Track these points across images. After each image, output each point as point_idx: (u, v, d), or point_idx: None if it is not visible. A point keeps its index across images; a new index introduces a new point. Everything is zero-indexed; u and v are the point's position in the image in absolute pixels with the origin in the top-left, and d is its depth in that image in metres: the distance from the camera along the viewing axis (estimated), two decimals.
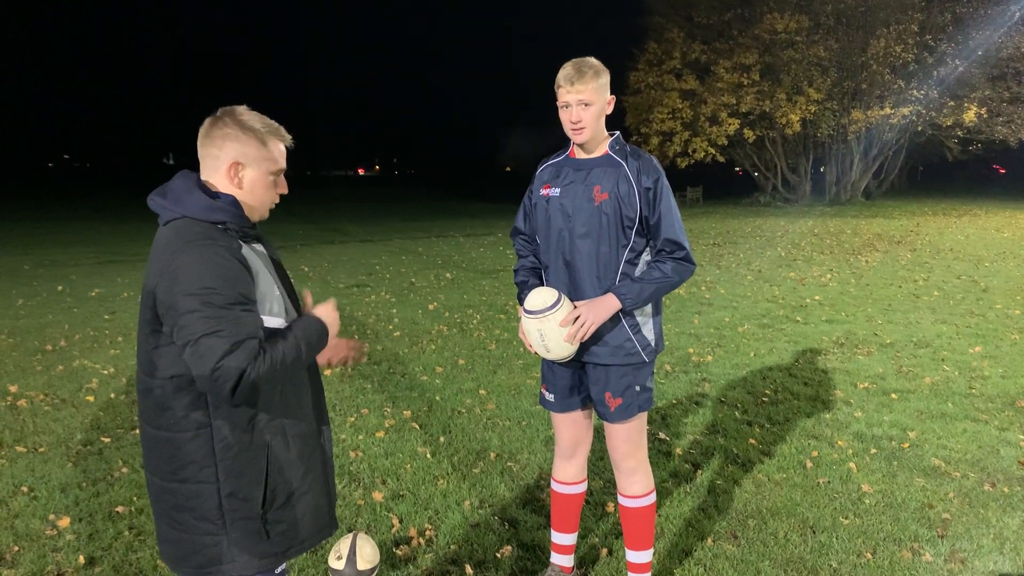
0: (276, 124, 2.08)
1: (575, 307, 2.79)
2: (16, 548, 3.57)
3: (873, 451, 4.70)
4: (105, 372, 6.54)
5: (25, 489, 4.20)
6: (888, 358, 6.91)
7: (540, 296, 2.77)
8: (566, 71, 2.76)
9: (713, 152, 38.40)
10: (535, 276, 3.05)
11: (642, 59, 39.03)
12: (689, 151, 38.35)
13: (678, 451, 4.71)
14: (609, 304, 2.78)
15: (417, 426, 5.19)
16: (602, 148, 2.90)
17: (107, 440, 4.92)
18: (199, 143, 2.03)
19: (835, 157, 38.15)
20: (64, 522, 3.80)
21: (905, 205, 33.13)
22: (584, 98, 2.74)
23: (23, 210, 34.05)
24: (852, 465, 4.47)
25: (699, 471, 4.43)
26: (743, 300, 10.07)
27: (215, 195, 1.98)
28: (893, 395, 5.78)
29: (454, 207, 40.08)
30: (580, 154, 2.93)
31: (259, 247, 2.05)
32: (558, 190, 2.92)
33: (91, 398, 5.81)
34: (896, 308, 9.32)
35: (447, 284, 11.94)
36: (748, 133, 36.83)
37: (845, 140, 36.54)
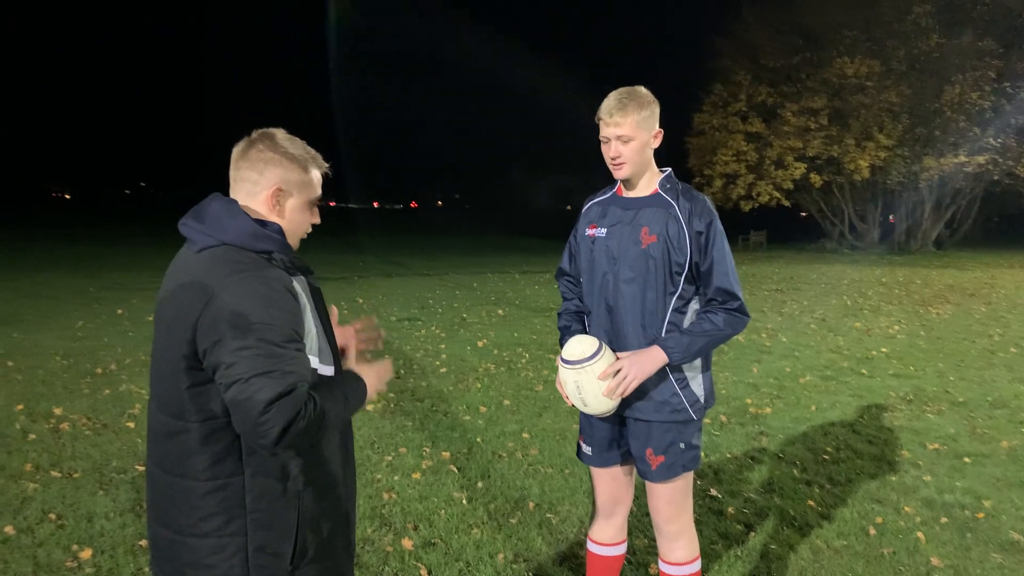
0: (314, 151, 1.96)
1: (617, 359, 2.58)
2: None
3: (944, 520, 4.33)
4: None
5: (53, 516, 4.12)
6: (961, 418, 6.47)
7: (579, 345, 2.57)
8: (607, 103, 2.58)
9: (778, 196, 37.82)
10: (579, 321, 2.85)
11: (707, 101, 38.86)
12: (753, 194, 37.85)
13: (730, 510, 4.41)
14: (655, 358, 2.56)
15: (455, 469, 4.99)
16: (651, 186, 2.71)
17: (141, 468, 4.84)
18: (233, 166, 1.91)
19: (905, 205, 37.16)
20: (86, 554, 3.70)
21: (979, 256, 31.89)
22: (623, 132, 2.56)
23: (97, 235, 35.22)
24: (920, 535, 4.11)
25: (752, 533, 4.13)
26: (805, 349, 9.66)
27: (262, 222, 1.83)
28: (966, 459, 5.38)
29: (513, 243, 40.13)
30: (628, 192, 2.75)
31: (303, 279, 1.90)
32: (604, 230, 2.73)
33: (132, 424, 5.76)
34: (969, 364, 8.81)
35: (498, 321, 11.78)
36: (815, 178, 36.17)
37: (916, 188, 35.56)
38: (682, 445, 2.67)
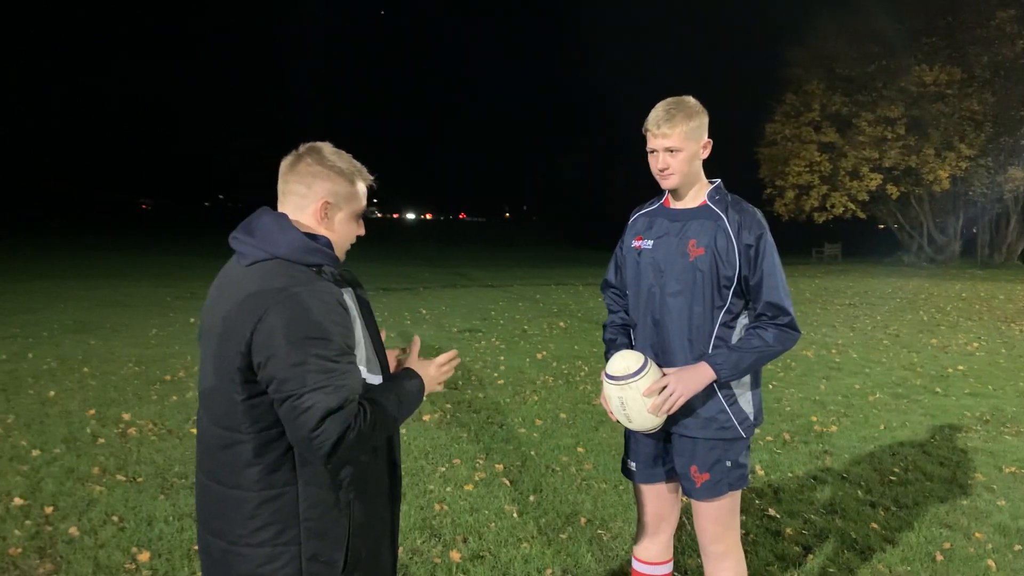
0: (359, 164, 1.99)
1: (663, 375, 2.53)
2: None
3: (1017, 548, 4.10)
4: None
5: (116, 519, 4.25)
6: None
7: (623, 361, 2.52)
8: (655, 113, 2.53)
9: (853, 208, 36.86)
10: (624, 334, 2.80)
11: (779, 110, 38.10)
12: (827, 206, 36.98)
13: (788, 531, 4.27)
14: (702, 375, 2.50)
15: (508, 482, 4.97)
16: (700, 197, 2.65)
17: None
18: (281, 179, 1.94)
19: (989, 217, 35.77)
20: (144, 556, 3.79)
21: None
22: (671, 144, 2.51)
23: (176, 245, 36.47)
24: (991, 562, 3.91)
25: (810, 556, 3.99)
26: (877, 366, 9.35)
27: (312, 236, 1.86)
28: None
29: (579, 255, 40.02)
30: (675, 203, 2.69)
31: (351, 291, 1.92)
32: (650, 242, 2.68)
33: (195, 430, 5.89)
34: None
35: (559, 333, 11.73)
36: (891, 189, 35.13)
37: (1001, 199, 34.23)
38: (728, 463, 2.60)
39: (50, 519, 4.24)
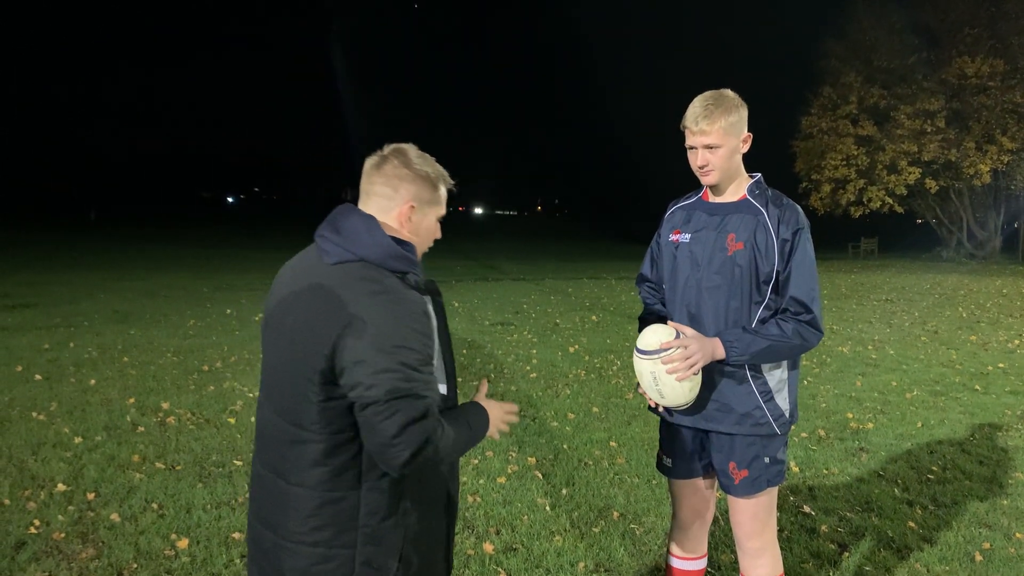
0: (442, 168, 1.98)
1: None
2: (135, 565, 3.65)
3: None
4: (251, 395, 6.77)
5: (155, 506, 4.33)
6: None
7: (655, 335, 2.47)
8: (692, 110, 2.50)
9: (890, 202, 36.27)
10: (661, 322, 2.79)
11: (816, 103, 37.57)
12: (864, 200, 36.41)
13: (823, 528, 4.24)
14: (715, 348, 2.45)
15: (540, 475, 4.98)
16: (740, 191, 2.61)
17: (239, 463, 5.03)
18: (365, 179, 1.92)
19: None
20: (183, 543, 3.86)
21: None
22: (710, 141, 2.47)
23: (212, 238, 36.94)
24: None
25: (845, 553, 3.95)
26: (914, 363, 9.21)
27: (399, 241, 1.83)
28: None
29: (612, 249, 39.88)
30: (714, 197, 2.66)
31: (430, 299, 1.89)
32: (688, 236, 2.65)
33: (232, 420, 6.00)
34: None
35: (592, 327, 11.71)
36: (930, 183, 34.52)
37: None
38: (767, 459, 2.58)
39: (92, 505, 4.33)
